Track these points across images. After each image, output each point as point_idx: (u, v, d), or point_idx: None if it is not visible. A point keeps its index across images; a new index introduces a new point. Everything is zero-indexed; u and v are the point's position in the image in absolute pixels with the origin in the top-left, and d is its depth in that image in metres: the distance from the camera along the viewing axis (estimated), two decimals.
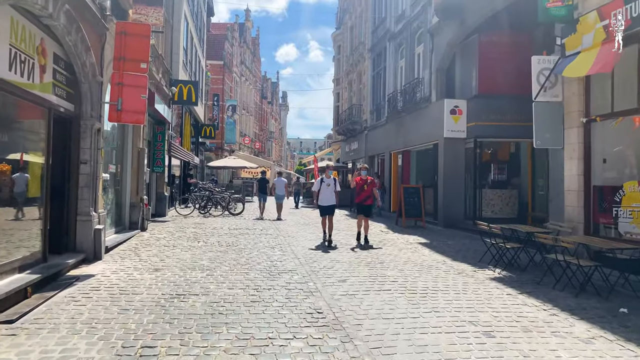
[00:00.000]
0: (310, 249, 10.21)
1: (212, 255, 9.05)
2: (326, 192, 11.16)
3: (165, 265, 7.91)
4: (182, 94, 17.03)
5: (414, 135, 17.88)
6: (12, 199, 6.27)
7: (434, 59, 16.39)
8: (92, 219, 8.00)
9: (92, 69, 7.89)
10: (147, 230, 12.24)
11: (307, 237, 12.19)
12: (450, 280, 7.50)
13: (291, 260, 8.78)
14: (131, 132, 11.80)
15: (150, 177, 15.66)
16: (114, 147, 10.91)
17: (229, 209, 18.19)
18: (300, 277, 7.37)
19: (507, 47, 14.69)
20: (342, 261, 8.79)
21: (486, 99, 14.67)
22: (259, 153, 55.10)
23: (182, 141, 21.75)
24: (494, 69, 14.64)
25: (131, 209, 11.74)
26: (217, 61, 39.50)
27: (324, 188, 11.20)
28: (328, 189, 11.17)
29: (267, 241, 11.16)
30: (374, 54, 24.09)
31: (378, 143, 22.69)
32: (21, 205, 6.51)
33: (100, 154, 8.41)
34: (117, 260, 8.19)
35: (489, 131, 14.72)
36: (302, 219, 17.41)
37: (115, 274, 7.19)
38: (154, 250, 9.40)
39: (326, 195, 11.18)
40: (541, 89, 9.41)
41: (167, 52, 16.61)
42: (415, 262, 8.96)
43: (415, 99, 17.51)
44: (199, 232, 12.37)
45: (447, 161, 15.26)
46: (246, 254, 9.22)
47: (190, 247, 9.87)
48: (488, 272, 8.19)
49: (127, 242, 10.30)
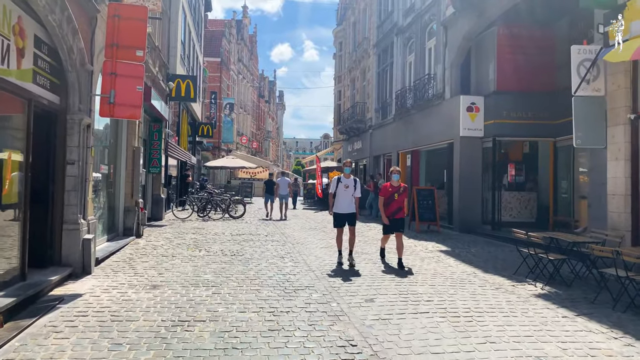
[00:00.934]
0: (323, 259, 9.23)
1: (217, 267, 8.06)
2: (344, 197, 8.59)
3: (164, 281, 6.92)
4: (180, 90, 16.02)
5: (425, 134, 16.95)
6: None
7: (448, 53, 15.46)
8: (80, 228, 6.99)
9: (80, 56, 6.89)
10: (143, 237, 11.23)
11: (316, 244, 11.21)
12: (491, 297, 6.58)
13: (305, 273, 7.81)
14: (125, 129, 10.79)
15: (146, 179, 14.64)
16: (106, 146, 9.90)
17: (230, 212, 17.20)
18: (320, 295, 6.41)
19: (528, 40, 13.81)
20: (363, 274, 7.82)
21: (505, 95, 13.76)
22: (256, 153, 54.06)
23: (179, 140, 20.73)
24: (514, 64, 13.74)
25: (125, 213, 10.73)
26: (214, 58, 38.45)
27: (341, 191, 8.56)
28: (346, 192, 8.56)
29: (275, 249, 10.18)
30: (379, 49, 23.14)
31: (384, 142, 21.75)
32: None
33: (90, 153, 7.40)
34: (109, 275, 7.19)
35: (508, 130, 13.82)
36: (307, 223, 16.44)
37: (106, 292, 6.19)
38: (151, 261, 8.40)
39: (345, 200, 8.60)
40: (582, 81, 8.50)
41: (164, 45, 15.60)
42: (444, 274, 8.02)
43: (426, 95, 16.58)
44: (200, 239, 11.37)
45: (463, 161, 14.33)
46: (254, 266, 8.24)
47: (191, 257, 8.87)
48: (529, 287, 7.26)
49: (121, 251, 9.29)
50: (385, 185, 8.82)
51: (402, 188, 8.65)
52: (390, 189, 8.66)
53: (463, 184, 14.29)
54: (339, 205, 8.66)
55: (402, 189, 8.62)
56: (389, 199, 8.62)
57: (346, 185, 8.54)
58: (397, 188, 8.63)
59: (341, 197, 8.60)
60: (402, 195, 8.62)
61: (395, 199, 8.57)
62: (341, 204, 8.63)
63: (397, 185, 8.67)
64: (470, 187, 14.26)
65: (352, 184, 8.57)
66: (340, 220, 8.67)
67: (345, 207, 8.60)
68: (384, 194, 8.68)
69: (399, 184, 8.71)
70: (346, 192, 8.57)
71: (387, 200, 8.62)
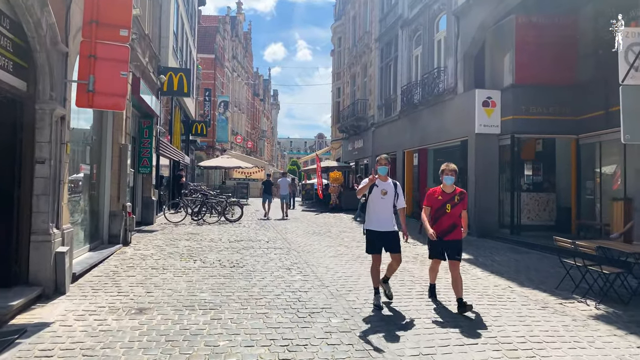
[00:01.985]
0: (335, 270, 8.14)
1: (215, 282, 6.95)
2: (382, 208, 5.94)
3: (153, 302, 5.80)
4: (172, 84, 14.87)
5: (434, 131, 15.92)
6: None
7: (461, 44, 14.43)
8: (53, 239, 5.86)
9: (51, 33, 5.76)
10: (131, 245, 10.08)
11: (324, 251, 10.13)
12: (542, 319, 5.54)
13: (317, 289, 6.72)
14: (111, 124, 9.65)
15: (136, 179, 13.48)
16: (88, 143, 8.76)
17: (226, 215, 16.07)
18: (341, 320, 5.32)
19: (549, 29, 12.82)
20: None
21: (524, 89, 12.75)
22: (251, 152, 52.87)
23: (171, 138, 19.56)
24: (534, 55, 12.73)
25: (111, 219, 9.58)
26: (208, 54, 37.23)
27: (377, 199, 5.96)
28: (384, 200, 5.93)
29: (279, 258, 9.08)
30: (382, 43, 22.09)
31: (388, 141, 20.69)
32: None
33: (64, 150, 6.27)
34: (87, 295, 6.05)
35: (527, 126, 12.81)
36: (309, 227, 15.34)
37: (81, 320, 5.06)
38: (139, 275, 7.27)
39: (383, 212, 5.94)
40: (630, 68, 7.46)
41: (155, 35, 14.44)
42: (476, 289, 6.97)
43: (437, 90, 15.54)
44: (194, 247, 10.24)
45: (479, 160, 13.30)
46: (258, 280, 7.14)
47: (184, 270, 7.75)
48: (580, 305, 6.23)
49: (105, 262, 8.15)
50: (433, 192, 6.10)
51: (457, 195, 5.91)
52: (439, 196, 5.94)
53: (479, 185, 13.26)
54: (374, 220, 5.94)
55: (458, 197, 5.89)
56: (439, 211, 5.92)
57: (383, 191, 5.91)
58: (451, 196, 5.88)
59: (377, 207, 5.93)
60: (457, 207, 5.86)
61: (447, 212, 5.84)
62: (378, 218, 5.92)
63: (450, 191, 5.90)
64: (487, 188, 13.24)
65: (392, 189, 5.97)
66: (376, 243, 5.91)
67: (384, 223, 5.89)
68: (431, 202, 6.02)
69: (454, 189, 5.93)
70: (384, 202, 5.91)
71: (436, 214, 5.96)
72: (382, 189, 5.96)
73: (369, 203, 6.00)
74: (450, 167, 6.00)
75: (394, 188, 6.02)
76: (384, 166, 6.10)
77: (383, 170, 6.10)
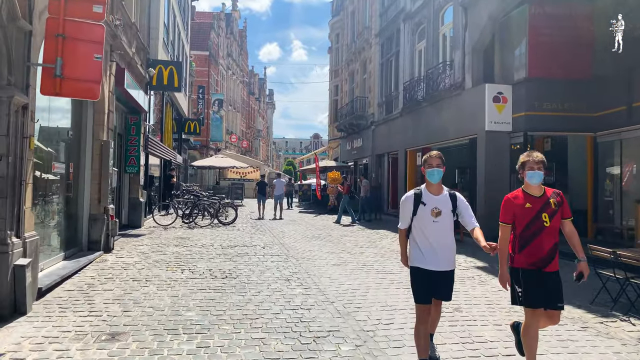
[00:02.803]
0: (339, 281, 7.28)
1: (204, 297, 6.07)
2: (436, 234, 3.85)
3: (129, 324, 4.92)
4: (162, 78, 13.95)
5: (440, 129, 15.09)
6: None
7: (468, 37, 13.62)
8: (10, 250, 4.96)
9: (8, 6, 4.86)
10: (113, 251, 9.17)
11: (325, 259, 9.26)
12: (587, 344, 4.76)
13: (322, 306, 5.86)
14: (91, 118, 8.75)
15: (122, 179, 12.58)
16: (64, 139, 7.86)
17: (219, 217, 15.17)
18: (352, 347, 4.47)
19: (564, 19, 12.01)
20: (397, 306, 5.89)
21: (537, 83, 11.94)
22: (246, 152, 51.93)
23: (162, 137, 18.63)
24: (548, 47, 11.92)
25: (91, 223, 8.68)
26: (202, 52, 36.28)
27: (426, 221, 3.84)
28: (438, 225, 3.83)
29: (277, 267, 8.21)
30: (382, 38, 21.26)
31: (389, 139, 19.86)
32: None
33: (28, 144, 5.37)
34: (52, 315, 5.16)
35: (540, 123, 11.99)
36: (308, 230, 14.47)
37: (37, 350, 4.17)
38: (117, 289, 6.37)
39: (437, 240, 3.85)
40: None
41: (144, 25, 13.53)
42: (501, 304, 6.14)
43: (442, 86, 14.73)
44: (183, 253, 9.35)
45: (489, 160, 12.49)
46: (253, 295, 6.26)
47: (170, 282, 6.86)
48: (624, 325, 5.43)
49: (81, 273, 7.24)
50: (513, 198, 3.78)
51: (554, 199, 3.70)
52: (527, 203, 3.68)
53: (489, 186, 12.45)
54: (426, 253, 3.84)
55: (556, 202, 3.69)
56: (531, 227, 3.65)
57: (436, 211, 3.80)
58: (544, 200, 3.67)
59: (429, 234, 3.83)
60: (557, 216, 3.67)
61: (545, 227, 3.61)
62: (431, 251, 3.83)
63: (540, 194, 3.70)
64: (497, 189, 12.35)
65: (449, 205, 3.86)
66: (426, 286, 3.86)
67: (442, 258, 3.84)
68: (514, 216, 3.72)
69: (543, 189, 3.73)
70: (438, 226, 3.82)
71: (527, 233, 3.66)
72: (433, 206, 3.78)
73: (414, 229, 3.89)
74: (535, 157, 3.70)
75: (450, 203, 3.84)
76: (435, 168, 3.82)
77: (435, 176, 3.84)
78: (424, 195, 3.88)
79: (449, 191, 3.95)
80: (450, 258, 3.91)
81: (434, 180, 3.88)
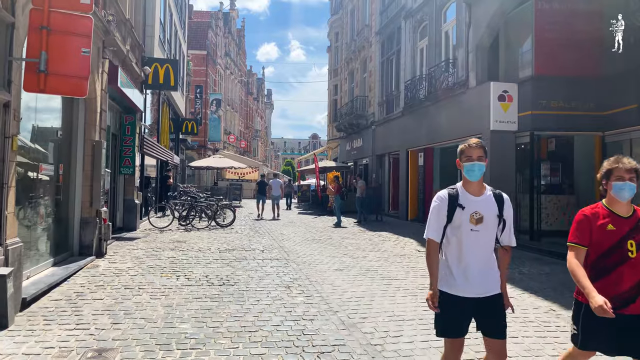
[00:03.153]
0: (343, 288, 6.93)
1: (199, 307, 5.71)
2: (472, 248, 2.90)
3: (119, 338, 4.56)
4: (158, 76, 13.58)
5: (442, 128, 14.77)
6: None
7: (473, 34, 13.29)
8: None
9: None
10: (106, 256, 8.81)
11: (327, 264, 8.91)
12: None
13: (325, 315, 5.50)
14: (82, 117, 8.38)
15: (116, 181, 12.22)
16: (53, 139, 7.49)
17: (217, 220, 14.81)
18: None
19: (573, 15, 11.69)
20: (405, 317, 5.54)
21: (544, 81, 11.63)
22: (244, 152, 51.57)
23: (159, 137, 18.25)
24: (555, 44, 11.61)
25: (82, 227, 8.31)
26: (200, 51, 35.91)
27: (463, 230, 2.88)
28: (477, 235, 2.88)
29: (277, 273, 7.86)
30: (383, 36, 20.92)
31: (390, 139, 19.52)
32: None
33: (9, 145, 5.01)
34: (35, 329, 4.79)
35: (547, 122, 11.68)
36: (308, 232, 14.12)
37: None
38: (107, 298, 6.01)
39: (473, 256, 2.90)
40: None
41: (139, 22, 13.16)
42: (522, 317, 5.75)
43: (445, 84, 14.40)
44: (179, 258, 8.98)
45: (494, 160, 12.07)
46: (252, 304, 5.91)
47: (164, 290, 6.50)
48: None
49: (70, 280, 6.87)
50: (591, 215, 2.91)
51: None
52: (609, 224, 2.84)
53: (494, 187, 12.06)
54: (457, 273, 2.92)
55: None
56: (611, 255, 2.82)
57: (476, 217, 2.88)
58: (634, 222, 2.83)
59: (464, 246, 2.91)
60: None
61: (630, 258, 2.78)
62: (464, 269, 2.91)
63: (629, 213, 2.85)
64: (502, 190, 11.98)
65: (493, 208, 2.93)
66: (458, 318, 2.93)
67: (480, 280, 2.90)
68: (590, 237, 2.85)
69: (633, 208, 2.87)
70: (478, 237, 2.89)
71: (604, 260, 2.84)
72: (473, 211, 2.87)
73: (446, 240, 2.96)
74: (627, 163, 2.83)
75: (496, 206, 2.93)
76: (476, 162, 2.89)
77: (475, 173, 2.90)
78: (461, 196, 2.93)
79: (493, 190, 3.03)
80: (492, 278, 2.92)
81: (474, 178, 2.92)
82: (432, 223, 2.98)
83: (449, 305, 2.90)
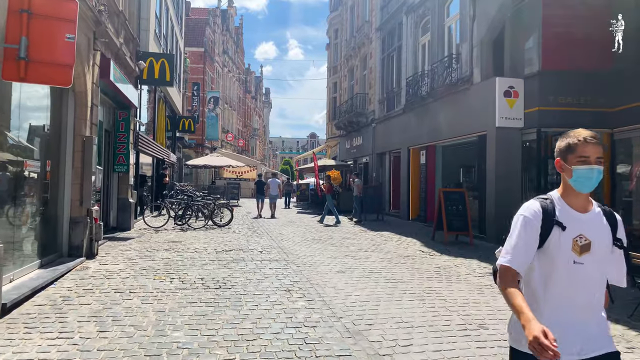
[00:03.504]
0: (346, 292, 6.56)
1: (194, 313, 5.33)
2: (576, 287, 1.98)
3: (104, 349, 4.18)
4: (153, 72, 13.18)
5: (445, 126, 14.40)
6: None
7: (477, 28, 12.93)
8: None
9: None
10: (97, 257, 8.42)
11: (329, 265, 8.54)
12: None
13: (328, 322, 5.14)
14: (72, 112, 7.99)
15: (110, 179, 11.84)
16: (39, 134, 7.10)
17: (214, 219, 14.43)
18: None
19: (581, 7, 11.29)
20: (414, 323, 5.18)
21: (552, 76, 11.24)
22: (242, 151, 51.15)
23: (155, 135, 17.86)
24: (563, 38, 11.22)
25: (72, 227, 7.92)
26: (197, 48, 35.46)
27: (563, 259, 1.98)
28: (584, 267, 1.97)
29: (276, 275, 7.48)
30: (383, 32, 20.54)
31: (391, 137, 19.15)
32: None
33: None
34: (13, 338, 4.41)
35: (554, 119, 11.28)
36: (308, 232, 13.75)
37: None
38: (95, 303, 5.62)
39: (578, 299, 1.98)
40: None
41: (134, 15, 12.76)
42: None
43: (448, 80, 14.02)
44: (174, 259, 8.60)
45: (499, 158, 11.81)
46: (250, 309, 5.53)
47: (156, 294, 6.12)
48: None
49: (57, 283, 6.49)
50: None
51: None
52: None
53: (499, 186, 11.77)
54: (554, 321, 1.93)
55: None
56: None
57: (581, 243, 1.99)
58: None
59: (563, 284, 1.99)
60: None
61: None
62: (563, 319, 1.97)
63: None
64: (508, 189, 11.73)
65: (605, 231, 2.05)
66: None
67: (587, 332, 1.97)
68: None
69: None
70: (584, 269, 1.98)
71: None
72: (577, 234, 2.00)
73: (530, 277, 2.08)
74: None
75: (609, 228, 2.07)
76: (595, 166, 2.01)
77: (593, 180, 2.02)
78: (561, 212, 2.04)
79: (600, 206, 2.14)
80: (603, 329, 2.04)
81: (586, 189, 2.05)
82: (517, 245, 2.02)
83: None
